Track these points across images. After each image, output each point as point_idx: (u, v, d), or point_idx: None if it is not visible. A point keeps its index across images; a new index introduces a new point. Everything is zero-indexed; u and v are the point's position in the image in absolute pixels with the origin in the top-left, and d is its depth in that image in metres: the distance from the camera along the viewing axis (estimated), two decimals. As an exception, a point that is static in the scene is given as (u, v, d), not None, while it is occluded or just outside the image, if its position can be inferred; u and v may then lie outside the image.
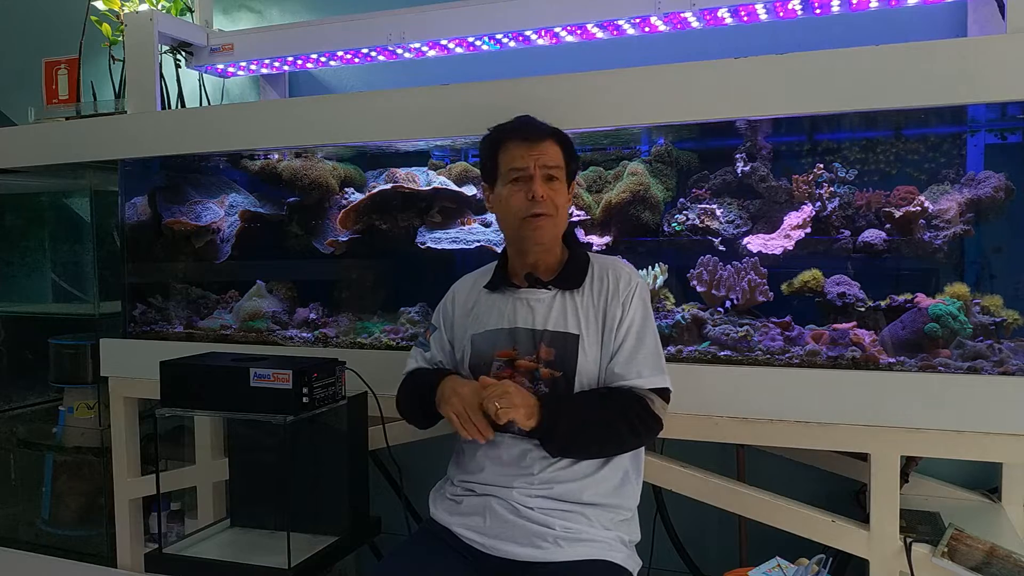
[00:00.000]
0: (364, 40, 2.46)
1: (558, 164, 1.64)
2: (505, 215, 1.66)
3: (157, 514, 2.31)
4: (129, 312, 2.50)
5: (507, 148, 1.64)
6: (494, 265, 1.75)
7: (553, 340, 1.60)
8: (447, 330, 1.75)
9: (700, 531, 2.40)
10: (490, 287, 1.71)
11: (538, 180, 1.60)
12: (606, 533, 1.55)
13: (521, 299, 1.65)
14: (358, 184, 2.49)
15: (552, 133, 1.65)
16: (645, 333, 1.61)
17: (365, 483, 2.06)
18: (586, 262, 1.68)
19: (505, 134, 1.66)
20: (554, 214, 1.61)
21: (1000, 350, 1.72)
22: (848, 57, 1.69)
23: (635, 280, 1.65)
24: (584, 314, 1.61)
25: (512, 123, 1.67)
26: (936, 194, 1.94)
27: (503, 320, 1.65)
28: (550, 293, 1.64)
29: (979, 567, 1.63)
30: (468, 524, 1.59)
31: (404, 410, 1.76)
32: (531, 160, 1.61)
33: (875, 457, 1.70)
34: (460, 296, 1.76)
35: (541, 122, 1.67)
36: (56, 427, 2.87)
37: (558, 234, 1.66)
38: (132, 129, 2.39)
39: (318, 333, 2.27)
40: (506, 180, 1.64)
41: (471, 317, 1.70)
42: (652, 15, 2.13)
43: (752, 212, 2.09)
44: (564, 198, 1.65)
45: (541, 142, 1.63)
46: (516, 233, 1.65)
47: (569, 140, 1.69)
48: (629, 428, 1.54)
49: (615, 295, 1.62)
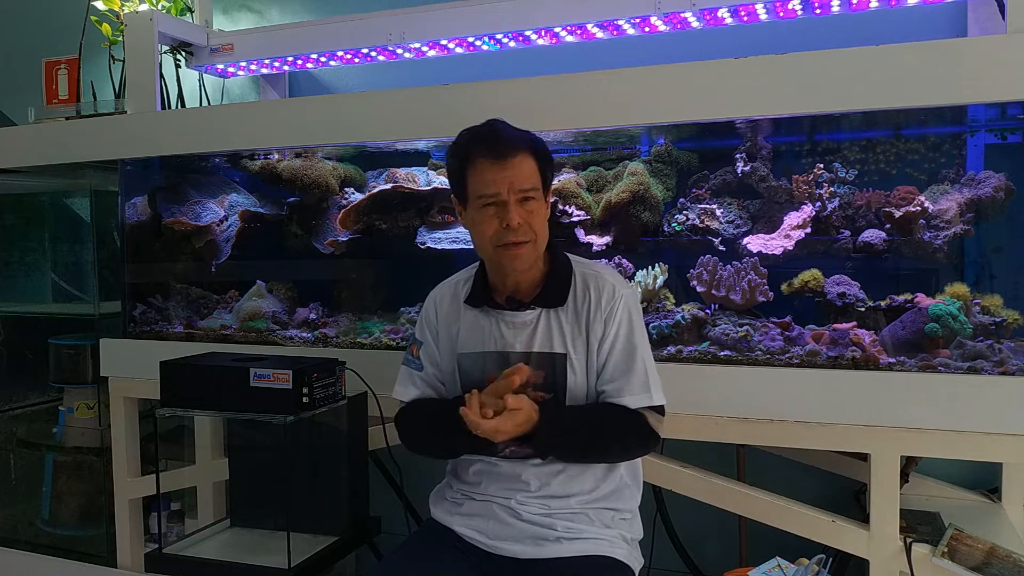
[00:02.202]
0: (364, 40, 2.46)
1: (534, 185, 1.50)
2: (479, 241, 1.55)
3: (157, 514, 2.31)
4: (129, 312, 2.50)
5: (476, 167, 1.50)
6: (472, 274, 1.66)
7: (541, 362, 1.54)
8: (435, 342, 1.65)
9: (700, 531, 2.40)
10: (471, 303, 1.62)
11: (512, 207, 1.48)
12: (607, 531, 1.55)
13: (506, 320, 1.57)
14: (358, 184, 2.49)
15: (525, 145, 1.52)
16: (633, 349, 1.53)
17: (365, 483, 2.06)
18: (568, 274, 1.59)
19: (473, 149, 1.52)
20: (532, 239, 1.51)
21: (1000, 350, 1.72)
22: (848, 57, 1.69)
23: (619, 291, 1.56)
24: (570, 331, 1.54)
25: (481, 133, 1.53)
26: (936, 194, 1.94)
27: (490, 342, 1.57)
28: (534, 312, 1.56)
29: (979, 567, 1.63)
30: (470, 524, 1.58)
31: (417, 443, 1.65)
32: (503, 184, 1.48)
33: (875, 457, 1.70)
34: (443, 307, 1.65)
35: (512, 131, 1.53)
36: (56, 427, 2.86)
37: (539, 254, 1.56)
38: (132, 129, 2.39)
39: (318, 333, 2.27)
40: (477, 204, 1.51)
41: (457, 335, 1.62)
42: (652, 15, 2.13)
43: (752, 212, 2.09)
44: (542, 216, 1.53)
45: (513, 159, 1.49)
46: (491, 260, 1.56)
47: (544, 147, 1.56)
48: (622, 446, 1.54)
49: (597, 311, 1.54)
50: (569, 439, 1.51)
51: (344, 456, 1.99)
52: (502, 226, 1.49)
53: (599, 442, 1.52)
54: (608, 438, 1.52)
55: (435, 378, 1.65)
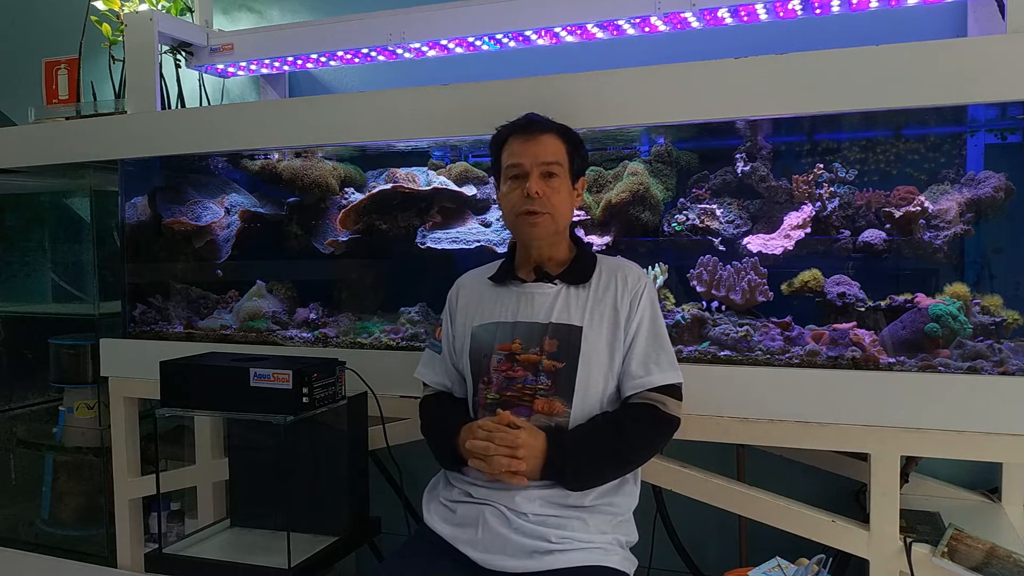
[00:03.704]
0: (364, 40, 2.46)
1: (557, 160, 1.63)
2: (504, 211, 1.69)
3: (157, 514, 2.31)
4: (129, 312, 2.50)
5: (508, 145, 1.66)
6: (501, 261, 1.77)
7: (556, 332, 1.60)
8: (451, 324, 1.75)
9: (700, 531, 2.40)
10: (495, 280, 1.71)
11: (534, 177, 1.61)
12: (603, 537, 1.54)
13: (526, 293, 1.66)
14: (358, 184, 2.49)
15: (555, 128, 1.65)
16: (658, 332, 1.63)
17: (365, 483, 2.06)
18: (593, 261, 1.69)
19: (508, 131, 1.67)
20: (550, 211, 1.61)
21: (1000, 350, 1.72)
22: (848, 57, 1.69)
23: (644, 279, 1.67)
24: (589, 308, 1.62)
25: (518, 120, 1.68)
26: (936, 194, 1.94)
27: (506, 313, 1.65)
28: (555, 288, 1.65)
29: (979, 567, 1.63)
30: (461, 537, 1.56)
31: (431, 445, 1.71)
32: (528, 156, 1.62)
33: (875, 457, 1.70)
34: (465, 290, 1.76)
35: (547, 119, 1.67)
36: (56, 427, 2.86)
37: (558, 230, 1.66)
38: (132, 129, 2.39)
39: (318, 333, 2.27)
40: (506, 176, 1.66)
41: (475, 310, 1.70)
42: (652, 15, 2.13)
43: (752, 212, 2.09)
44: (564, 195, 1.64)
45: (541, 136, 1.63)
46: (514, 229, 1.69)
47: (575, 136, 1.68)
48: (645, 445, 1.58)
49: (624, 291, 1.63)
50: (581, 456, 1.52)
51: (344, 456, 1.99)
52: (523, 195, 1.60)
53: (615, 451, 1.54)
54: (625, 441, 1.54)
55: (449, 361, 1.74)
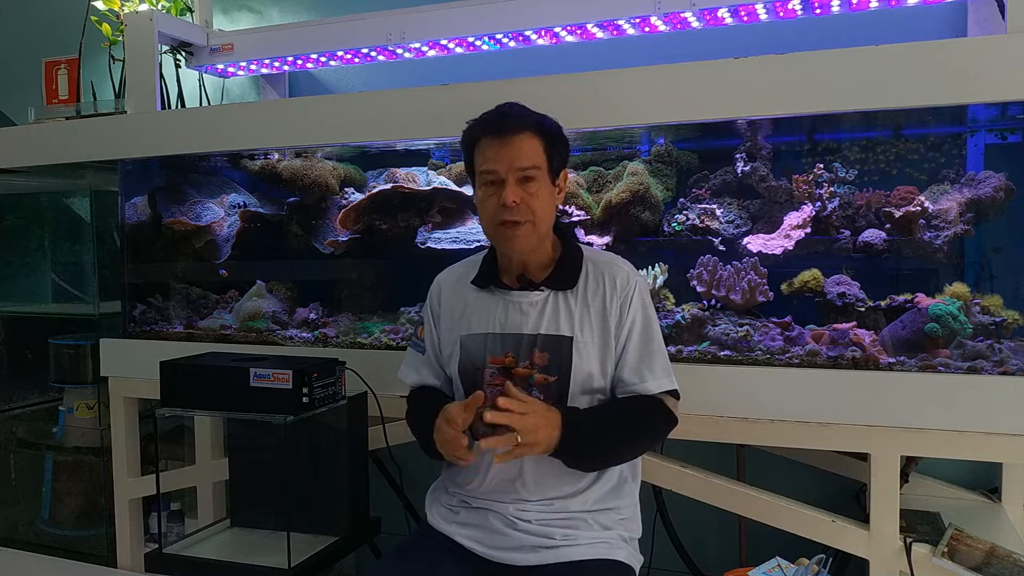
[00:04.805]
0: (364, 40, 2.46)
1: (535, 164, 1.50)
2: (482, 219, 1.58)
3: (157, 514, 2.31)
4: (129, 312, 2.50)
5: (481, 146, 1.52)
6: (480, 257, 1.67)
7: (546, 344, 1.53)
8: (435, 326, 1.66)
9: (700, 531, 2.40)
10: (478, 284, 1.62)
11: (510, 184, 1.48)
12: (606, 533, 1.54)
13: (513, 302, 1.57)
14: (358, 184, 2.50)
15: (530, 125, 1.51)
16: (651, 335, 1.56)
17: (365, 483, 2.06)
18: (579, 259, 1.60)
19: (479, 130, 1.53)
20: (531, 219, 1.50)
21: (1000, 350, 1.72)
22: (848, 57, 1.69)
23: (633, 278, 1.58)
24: (578, 315, 1.54)
25: (489, 115, 1.54)
26: (936, 194, 1.94)
27: (494, 323, 1.56)
28: (542, 295, 1.56)
29: (979, 567, 1.63)
30: (466, 533, 1.56)
31: (418, 441, 1.65)
32: (503, 162, 1.48)
33: (875, 457, 1.70)
34: (448, 290, 1.66)
35: (521, 112, 1.53)
36: (56, 427, 2.87)
37: (540, 237, 1.55)
38: (132, 129, 2.39)
39: (318, 333, 2.27)
40: (480, 182, 1.54)
41: (461, 317, 1.61)
42: (652, 15, 2.13)
43: (752, 212, 2.09)
44: (545, 198, 1.52)
45: (515, 137, 1.49)
46: (493, 239, 1.58)
47: (553, 130, 1.55)
48: (650, 435, 1.56)
49: (613, 295, 1.55)
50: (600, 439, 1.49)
51: (344, 456, 1.99)
52: (500, 203, 1.49)
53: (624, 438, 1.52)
54: (633, 429, 1.52)
55: (435, 361, 1.67)
